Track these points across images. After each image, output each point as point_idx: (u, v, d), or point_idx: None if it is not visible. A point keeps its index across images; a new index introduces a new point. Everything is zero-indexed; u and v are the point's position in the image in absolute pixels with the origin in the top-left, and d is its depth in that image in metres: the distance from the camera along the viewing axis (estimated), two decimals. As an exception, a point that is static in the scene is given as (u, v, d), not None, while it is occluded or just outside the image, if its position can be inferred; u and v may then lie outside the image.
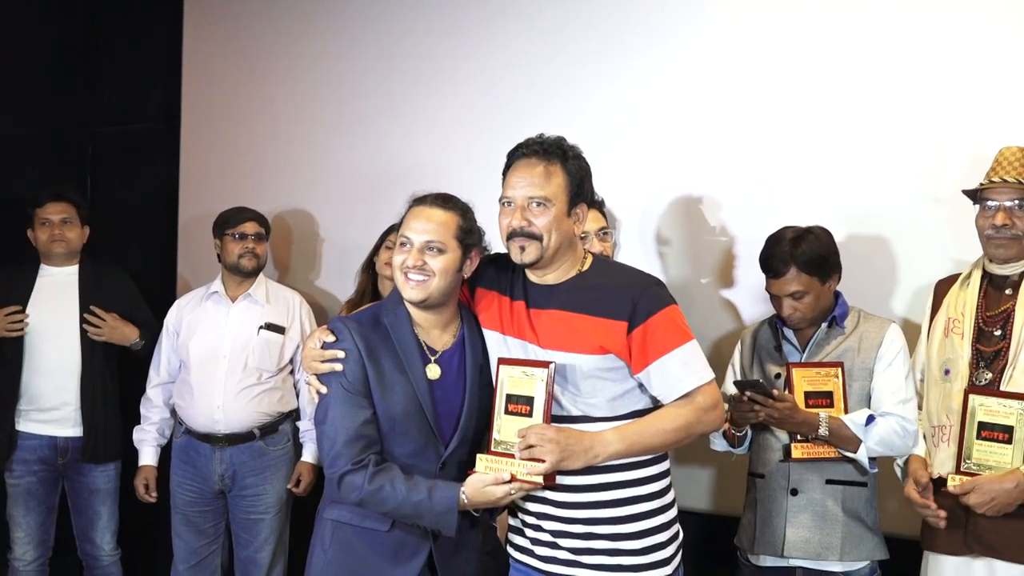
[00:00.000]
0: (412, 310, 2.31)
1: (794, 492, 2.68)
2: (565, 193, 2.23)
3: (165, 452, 3.59)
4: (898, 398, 2.62)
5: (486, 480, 2.17)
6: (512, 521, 2.37)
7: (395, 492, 2.17)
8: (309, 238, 3.99)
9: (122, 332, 3.62)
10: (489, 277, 2.39)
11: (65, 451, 3.56)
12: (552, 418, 2.19)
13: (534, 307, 2.28)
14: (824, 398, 2.65)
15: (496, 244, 2.37)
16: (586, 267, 2.30)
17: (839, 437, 2.60)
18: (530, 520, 2.30)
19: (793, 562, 2.69)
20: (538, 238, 2.21)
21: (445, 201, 2.31)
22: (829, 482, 2.67)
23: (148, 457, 3.57)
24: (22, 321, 3.53)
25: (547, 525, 2.26)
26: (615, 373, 2.22)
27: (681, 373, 2.19)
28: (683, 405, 2.20)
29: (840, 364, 2.67)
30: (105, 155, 4.49)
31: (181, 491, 3.47)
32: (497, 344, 2.32)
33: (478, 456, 2.21)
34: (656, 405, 2.25)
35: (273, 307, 3.53)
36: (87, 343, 3.58)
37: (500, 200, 2.27)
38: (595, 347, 2.19)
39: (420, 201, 2.32)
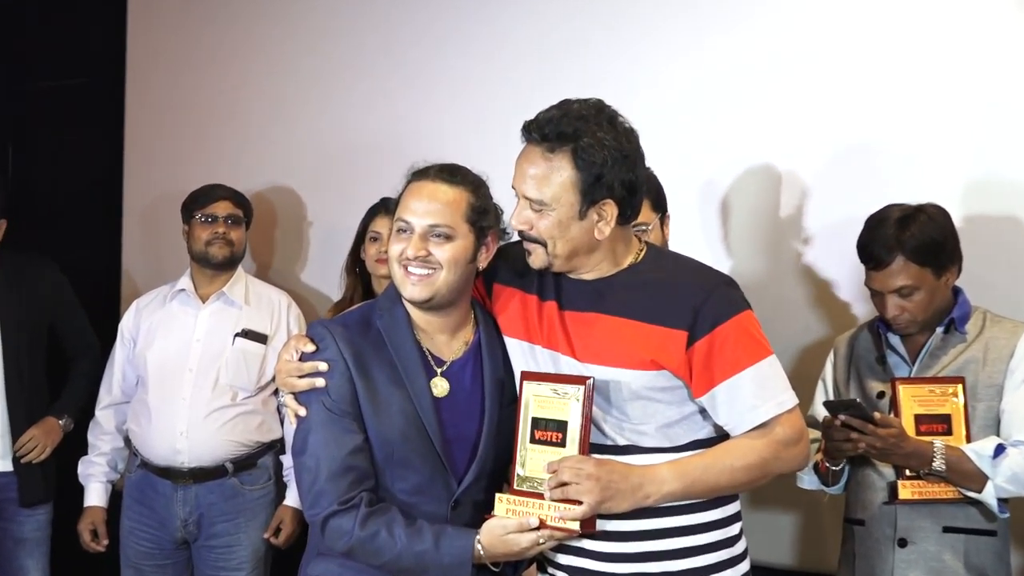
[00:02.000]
0: (413, 311, 2.30)
1: (902, 543, 2.66)
2: (572, 192, 2.17)
3: (116, 491, 3.58)
4: (1037, 422, 2.61)
5: (508, 526, 2.13)
6: None
7: (393, 540, 2.15)
8: (293, 223, 4.02)
9: (53, 432, 3.63)
10: (510, 270, 2.37)
11: None
12: (591, 448, 2.16)
13: (569, 309, 2.26)
14: (940, 423, 2.63)
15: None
16: (639, 259, 2.28)
17: (959, 473, 2.57)
18: None
19: (902, 631, 2.67)
20: (542, 243, 2.20)
21: (452, 174, 2.27)
22: (947, 530, 2.65)
23: (96, 496, 3.55)
24: None
25: None
26: (670, 394, 2.19)
27: (755, 398, 2.16)
28: (758, 437, 2.17)
29: (961, 379, 2.65)
30: (31, 119, 4.52)
31: (134, 539, 3.44)
32: (521, 355, 2.30)
33: (497, 496, 2.19)
34: (721, 435, 2.23)
35: (253, 310, 3.52)
36: (10, 358, 3.59)
37: (512, 186, 2.25)
38: (645, 361, 2.17)
39: (420, 175, 2.29)
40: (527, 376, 2.24)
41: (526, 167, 2.19)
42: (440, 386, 2.27)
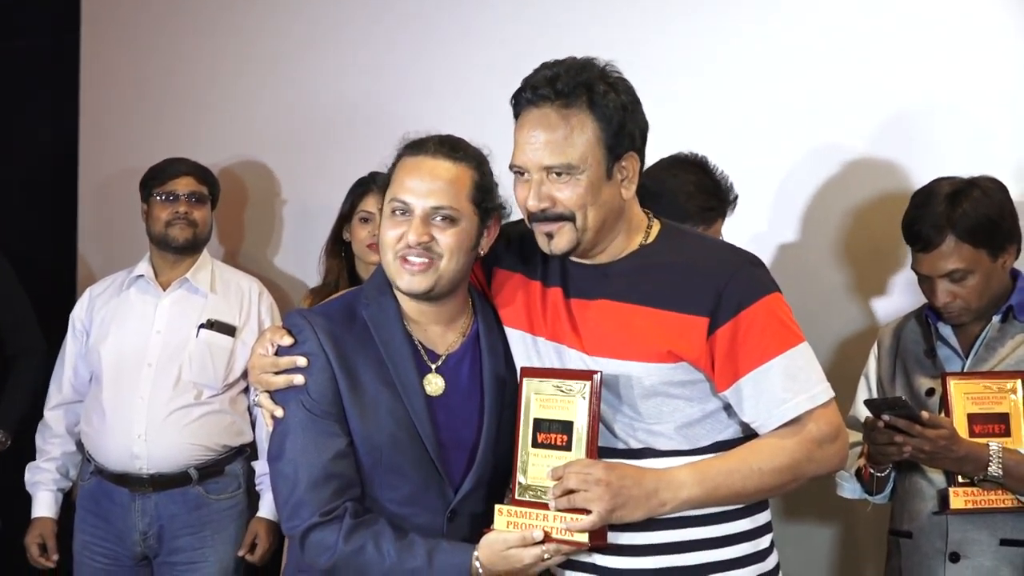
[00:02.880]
0: (404, 300, 2.29)
1: (955, 558, 2.67)
2: (599, 148, 2.16)
3: (69, 500, 3.59)
4: (1105, 422, 2.61)
5: (509, 540, 2.12)
6: None
7: (381, 556, 2.15)
8: (264, 202, 4.04)
9: None
10: (511, 253, 2.37)
11: None
12: (601, 452, 2.15)
13: (576, 297, 2.26)
14: (998, 422, 2.64)
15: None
16: (651, 238, 2.27)
17: (1019, 478, 2.58)
18: None
19: (954, 654, 2.69)
20: (568, 218, 2.17)
21: (453, 148, 2.25)
22: (1005, 543, 2.65)
23: (45, 507, 3.55)
24: None
25: None
26: (690, 389, 2.18)
27: (785, 391, 2.14)
28: (788, 435, 2.15)
29: (1021, 374, 2.66)
30: None
31: (89, 554, 3.44)
32: (523, 348, 2.30)
33: (497, 508, 2.18)
34: (749, 435, 2.21)
35: (220, 298, 3.52)
36: None
37: (511, 167, 2.22)
38: (661, 352, 2.16)
39: (418, 148, 2.26)
40: (527, 373, 2.24)
41: (539, 133, 2.15)
42: (434, 383, 2.27)
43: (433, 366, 2.29)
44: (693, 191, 2.83)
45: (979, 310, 2.71)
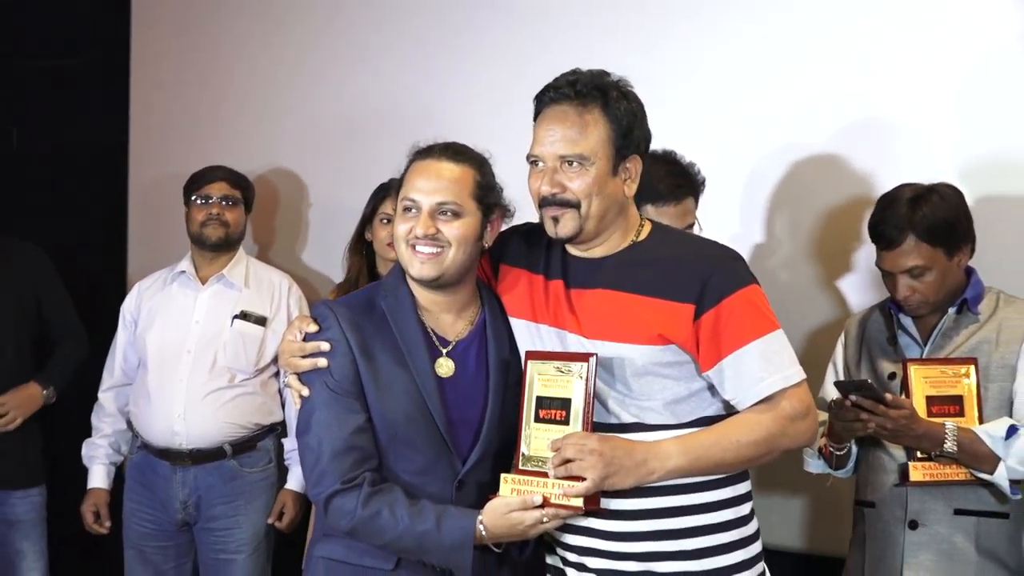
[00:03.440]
0: (418, 291, 2.38)
1: (913, 525, 2.74)
2: (608, 146, 2.27)
3: (120, 473, 3.74)
4: (1050, 403, 2.69)
5: (511, 504, 2.19)
6: (549, 559, 2.41)
7: (395, 520, 2.22)
8: (294, 204, 4.12)
9: (30, 400, 3.74)
10: (516, 251, 2.45)
11: None
12: (596, 426, 2.23)
13: (575, 287, 2.34)
14: (952, 404, 2.71)
15: (526, 210, 2.43)
16: (643, 236, 2.36)
17: (971, 454, 2.65)
18: (571, 557, 2.33)
19: (912, 613, 2.73)
20: (574, 205, 2.26)
21: (456, 152, 2.35)
22: (958, 512, 2.72)
23: (99, 478, 3.69)
24: None
25: (593, 563, 2.29)
26: (677, 369, 2.27)
27: (761, 371, 2.22)
28: (764, 411, 2.23)
29: (973, 360, 2.71)
30: (32, 97, 4.60)
31: (136, 521, 3.57)
32: (528, 335, 2.38)
33: (503, 476, 2.25)
34: (730, 413, 2.29)
35: (253, 292, 3.64)
36: None
37: (528, 158, 2.32)
38: (652, 336, 2.24)
39: (425, 154, 2.36)
40: (531, 356, 2.31)
41: (556, 126, 2.27)
42: (445, 366, 2.35)
43: (444, 351, 2.36)
44: (664, 175, 2.92)
45: (936, 303, 2.76)
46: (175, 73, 4.40)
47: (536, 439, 2.26)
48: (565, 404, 2.24)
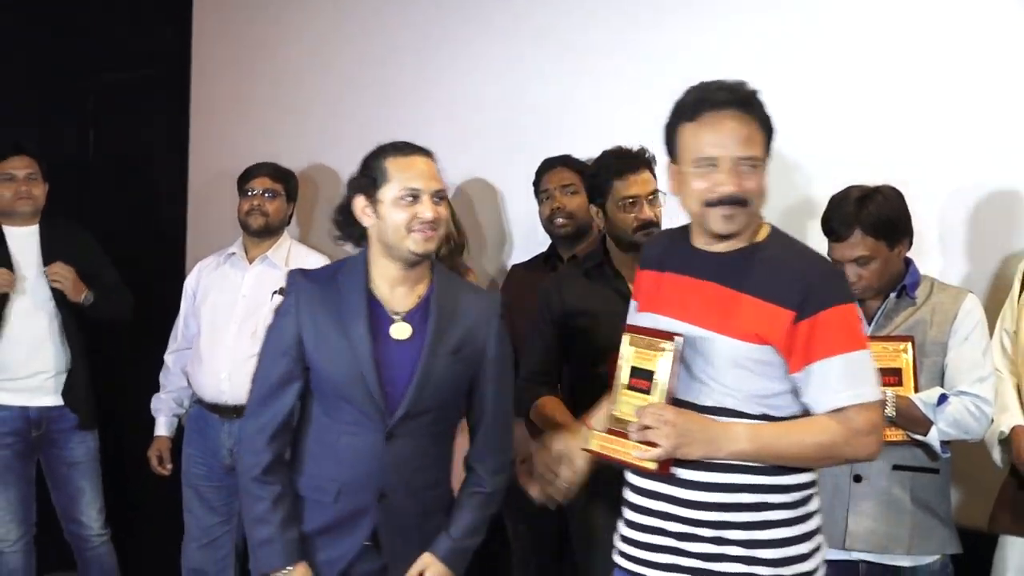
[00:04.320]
0: (388, 267, 2.57)
1: (857, 479, 2.90)
2: (766, 148, 2.35)
3: (181, 424, 4.13)
4: (975, 375, 2.87)
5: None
6: (625, 529, 2.47)
7: (265, 512, 2.55)
8: (332, 195, 4.25)
9: (76, 283, 4.01)
10: (651, 257, 2.56)
11: (39, 423, 4.03)
12: (683, 404, 2.31)
13: (687, 274, 2.41)
14: (892, 375, 2.85)
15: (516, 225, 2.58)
16: (760, 237, 2.39)
17: (908, 419, 2.82)
18: (650, 522, 2.40)
19: (855, 555, 2.91)
20: (746, 203, 2.31)
21: (419, 148, 2.60)
22: (896, 468, 2.89)
23: (163, 428, 4.09)
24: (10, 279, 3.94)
25: (672, 527, 2.36)
26: (768, 368, 2.31)
27: (840, 383, 2.27)
28: (834, 419, 2.28)
29: (910, 338, 2.88)
30: (106, 106, 4.92)
31: (193, 464, 3.94)
32: (647, 323, 2.46)
33: (591, 433, 2.43)
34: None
35: None
36: (60, 307, 4.04)
37: (696, 160, 2.32)
38: (750, 334, 2.29)
39: (403, 150, 2.57)
40: (629, 329, 2.43)
41: (732, 131, 2.30)
42: (403, 330, 2.57)
43: (397, 317, 2.58)
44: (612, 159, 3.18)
45: (879, 288, 2.93)
46: (229, 86, 4.69)
47: (624, 403, 2.39)
48: (649, 376, 2.34)
